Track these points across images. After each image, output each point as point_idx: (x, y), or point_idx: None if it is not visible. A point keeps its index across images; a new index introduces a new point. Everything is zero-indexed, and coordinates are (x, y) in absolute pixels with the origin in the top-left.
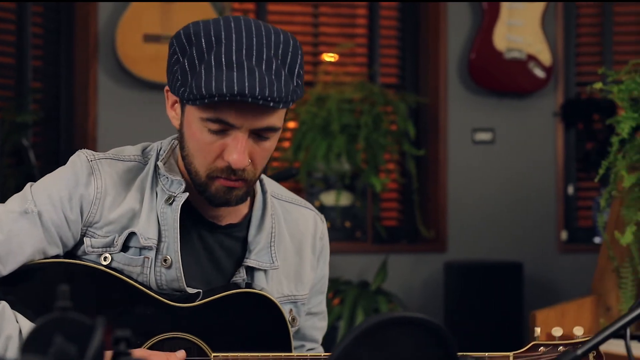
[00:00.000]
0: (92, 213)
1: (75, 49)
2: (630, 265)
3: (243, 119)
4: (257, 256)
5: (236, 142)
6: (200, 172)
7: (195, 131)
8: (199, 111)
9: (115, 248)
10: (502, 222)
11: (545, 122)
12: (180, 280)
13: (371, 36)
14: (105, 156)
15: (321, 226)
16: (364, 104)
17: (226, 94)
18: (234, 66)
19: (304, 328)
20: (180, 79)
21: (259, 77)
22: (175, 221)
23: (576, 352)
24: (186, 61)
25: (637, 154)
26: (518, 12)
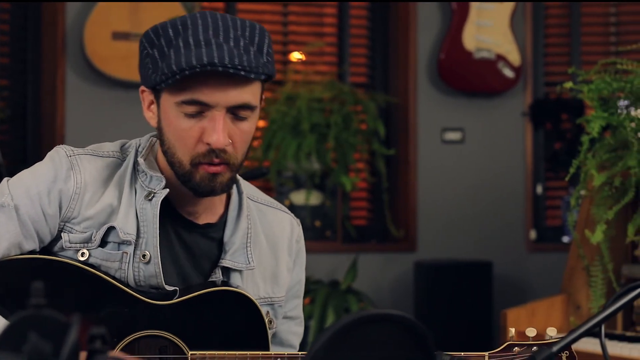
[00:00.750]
0: (70, 208)
1: (42, 46)
2: (600, 264)
3: (217, 95)
4: (232, 257)
5: (214, 122)
6: (184, 160)
7: (172, 119)
8: (173, 96)
9: (93, 244)
10: (472, 221)
11: (514, 122)
12: (159, 277)
13: (341, 35)
14: (85, 152)
15: (297, 229)
16: (333, 103)
17: (196, 65)
18: (202, 44)
19: (280, 332)
20: (152, 67)
21: (228, 49)
22: (154, 216)
23: (551, 348)
24: (155, 50)
25: (607, 153)
26: (487, 13)
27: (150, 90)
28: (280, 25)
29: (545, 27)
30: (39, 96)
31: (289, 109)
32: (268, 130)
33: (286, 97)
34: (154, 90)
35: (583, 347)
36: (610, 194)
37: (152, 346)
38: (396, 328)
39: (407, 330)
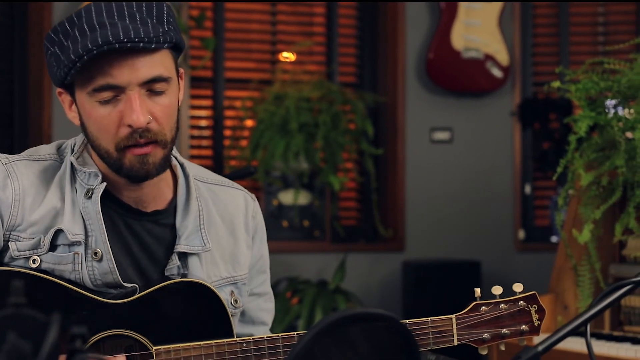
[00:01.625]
0: (12, 216)
1: (29, 45)
2: (587, 264)
3: (125, 74)
4: (187, 240)
5: (129, 102)
6: (109, 148)
7: (89, 111)
8: (83, 87)
9: (43, 249)
10: (460, 221)
11: (502, 121)
12: (114, 272)
13: (329, 35)
14: (20, 157)
15: (252, 204)
16: (322, 102)
17: (92, 48)
18: (96, 28)
19: (249, 310)
20: (55, 64)
21: (122, 26)
22: (97, 213)
23: (537, 348)
24: (56, 47)
25: (594, 152)
26: (475, 12)
27: (65, 89)
28: (268, 24)
29: (533, 27)
30: (26, 95)
31: (277, 109)
32: (256, 129)
33: (274, 97)
34: (67, 88)
35: (570, 347)
36: (598, 193)
37: (117, 346)
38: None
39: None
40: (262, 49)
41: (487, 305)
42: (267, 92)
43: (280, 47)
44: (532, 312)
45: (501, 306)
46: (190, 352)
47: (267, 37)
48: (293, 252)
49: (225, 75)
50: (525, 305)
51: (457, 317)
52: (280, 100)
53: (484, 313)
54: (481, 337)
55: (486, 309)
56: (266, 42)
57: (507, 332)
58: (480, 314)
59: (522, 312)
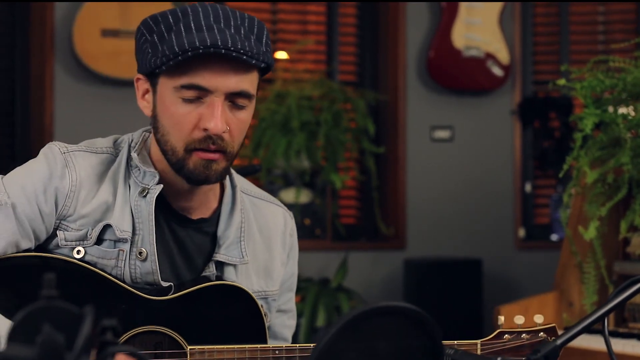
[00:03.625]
0: (66, 206)
1: (30, 43)
2: (592, 261)
3: (217, 80)
4: (226, 251)
5: (212, 107)
6: (178, 147)
7: (169, 105)
8: (171, 80)
9: (89, 241)
10: (461, 219)
11: (502, 120)
12: (155, 274)
13: (330, 33)
14: (79, 148)
15: (290, 223)
16: (323, 101)
17: (199, 47)
18: (203, 28)
19: (274, 326)
20: (151, 51)
21: (230, 34)
22: (150, 214)
23: (556, 342)
24: (155, 36)
25: (599, 150)
26: (476, 11)
27: (147, 77)
28: (269, 23)
29: (533, 26)
30: (28, 94)
31: (278, 107)
32: (258, 128)
33: (276, 95)
34: (150, 77)
35: (578, 344)
36: (603, 190)
37: (147, 342)
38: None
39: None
40: None
41: (510, 334)
42: (268, 90)
43: (280, 46)
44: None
45: (523, 336)
46: (223, 355)
47: None
48: None
49: None
50: (545, 336)
51: (482, 343)
52: (282, 99)
53: (507, 341)
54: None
55: (509, 337)
56: None
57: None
58: (504, 341)
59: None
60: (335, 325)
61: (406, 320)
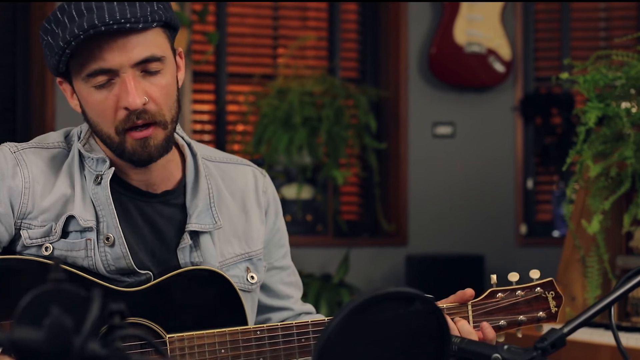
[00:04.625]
0: (23, 204)
1: (31, 38)
2: (595, 255)
3: (115, 56)
4: (198, 219)
5: (124, 84)
6: (110, 133)
7: (86, 97)
8: (78, 74)
9: (55, 236)
10: (462, 215)
11: (504, 116)
12: (127, 257)
13: (331, 29)
14: (29, 145)
15: (262, 179)
16: (325, 97)
17: (79, 34)
18: (83, 12)
19: (272, 284)
20: (49, 52)
21: (108, 9)
22: (107, 198)
23: (562, 330)
24: (49, 36)
25: (602, 144)
26: (478, 7)
27: (63, 78)
28: (270, 19)
29: (535, 22)
30: (29, 90)
31: (280, 103)
32: (259, 124)
33: (277, 91)
34: (66, 77)
35: (580, 338)
36: (606, 184)
37: None
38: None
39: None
40: (264, 44)
41: (503, 292)
42: (269, 86)
43: (282, 42)
44: (549, 299)
45: (517, 293)
46: (204, 340)
47: (269, 31)
48: (296, 247)
49: (228, 69)
50: (542, 292)
51: (472, 304)
52: (284, 95)
53: (500, 300)
54: (498, 323)
55: (502, 296)
56: (268, 37)
57: (523, 318)
58: (497, 300)
59: (539, 299)
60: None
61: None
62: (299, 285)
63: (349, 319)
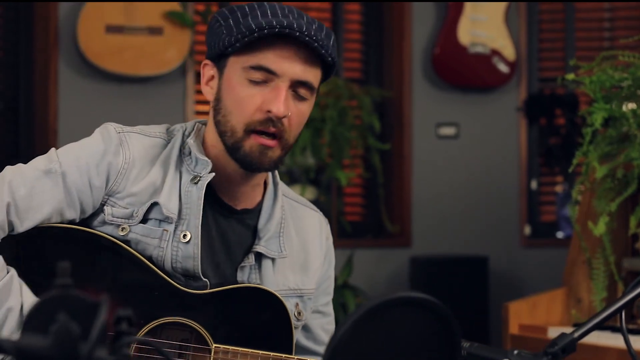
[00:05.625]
0: (117, 182)
1: (34, 39)
2: (602, 256)
3: (285, 64)
4: (266, 243)
5: (277, 90)
6: (238, 127)
7: (235, 85)
8: (241, 59)
9: (135, 220)
10: (466, 216)
11: (508, 117)
12: (196, 259)
13: (335, 30)
14: (133, 130)
15: (326, 228)
16: (328, 97)
17: (276, 26)
18: (279, 14)
19: (314, 327)
20: (226, 32)
21: (306, 22)
22: (199, 199)
23: (573, 335)
24: (231, 20)
25: (608, 145)
26: (482, 8)
27: (214, 62)
28: None
29: (539, 22)
30: (32, 90)
31: None
32: None
33: None
34: (219, 60)
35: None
36: (612, 186)
37: (174, 334)
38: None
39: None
40: None
41: None
42: None
43: None
44: None
45: None
46: (247, 358)
47: None
48: None
49: None
50: None
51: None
52: None
53: None
54: None
55: None
56: None
57: None
58: None
59: None
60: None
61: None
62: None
63: (358, 324)
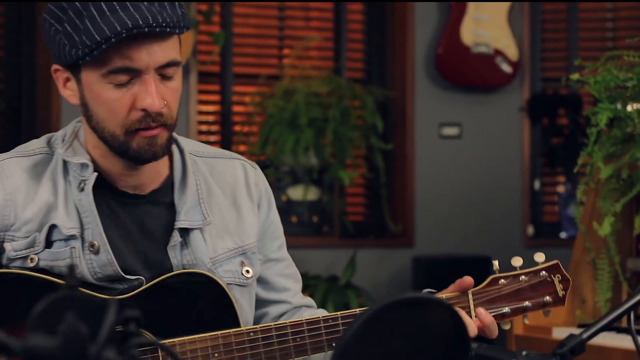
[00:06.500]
0: (5, 216)
1: (37, 38)
2: (606, 257)
3: (145, 58)
4: (187, 216)
5: (146, 85)
6: (117, 132)
7: (99, 93)
8: (98, 68)
9: (39, 246)
10: (469, 216)
11: (511, 117)
12: (113, 264)
13: (337, 30)
14: (10, 155)
15: (253, 172)
16: (331, 97)
17: (121, 31)
18: (117, 8)
19: (269, 277)
20: (68, 43)
21: (146, 8)
22: (91, 204)
23: (582, 336)
24: (66, 25)
25: (613, 145)
26: (485, 7)
27: (66, 68)
28: (276, 19)
29: (542, 22)
30: (34, 90)
31: (286, 104)
32: (265, 124)
33: (283, 92)
34: (71, 67)
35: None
36: (617, 186)
37: None
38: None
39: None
40: (270, 44)
41: (505, 279)
42: (275, 87)
43: (288, 42)
44: (555, 282)
45: (521, 278)
46: (196, 345)
47: (275, 32)
48: (302, 248)
49: (233, 70)
50: (547, 275)
51: (473, 292)
52: (290, 95)
53: (503, 286)
54: (501, 311)
55: (505, 282)
56: (274, 37)
57: (529, 304)
58: (499, 287)
59: (545, 283)
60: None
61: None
62: (297, 278)
63: (366, 325)
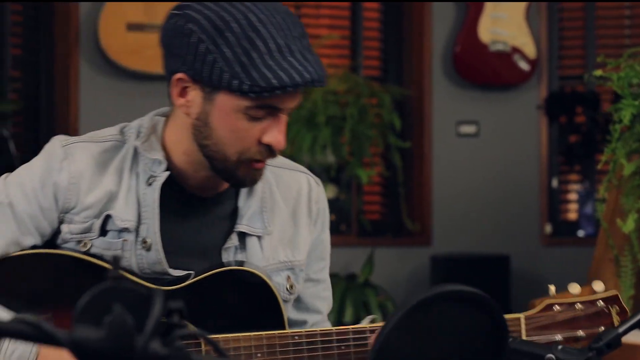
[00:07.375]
0: (67, 199)
1: (55, 37)
2: (629, 254)
3: (290, 102)
4: (249, 221)
5: (279, 124)
6: (232, 157)
7: (232, 121)
8: (244, 100)
9: (94, 233)
10: (487, 215)
11: (529, 115)
12: (163, 263)
13: (354, 28)
14: (80, 139)
15: (316, 189)
16: (349, 95)
17: (298, 82)
18: (283, 51)
19: (305, 297)
20: (227, 70)
21: (312, 60)
22: (155, 201)
23: (618, 330)
24: (226, 50)
25: (636, 142)
26: (502, 5)
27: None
28: None
29: (560, 20)
30: (52, 88)
31: (304, 102)
32: None
33: None
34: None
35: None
36: None
37: None
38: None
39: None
40: None
41: (560, 305)
42: None
43: None
44: (612, 314)
45: (577, 306)
46: (239, 343)
47: None
48: None
49: None
50: (604, 306)
51: (526, 317)
52: (307, 94)
53: (558, 313)
54: (553, 339)
55: (560, 309)
56: None
57: (582, 334)
58: (553, 314)
59: (601, 314)
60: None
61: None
62: (330, 302)
63: (405, 319)
